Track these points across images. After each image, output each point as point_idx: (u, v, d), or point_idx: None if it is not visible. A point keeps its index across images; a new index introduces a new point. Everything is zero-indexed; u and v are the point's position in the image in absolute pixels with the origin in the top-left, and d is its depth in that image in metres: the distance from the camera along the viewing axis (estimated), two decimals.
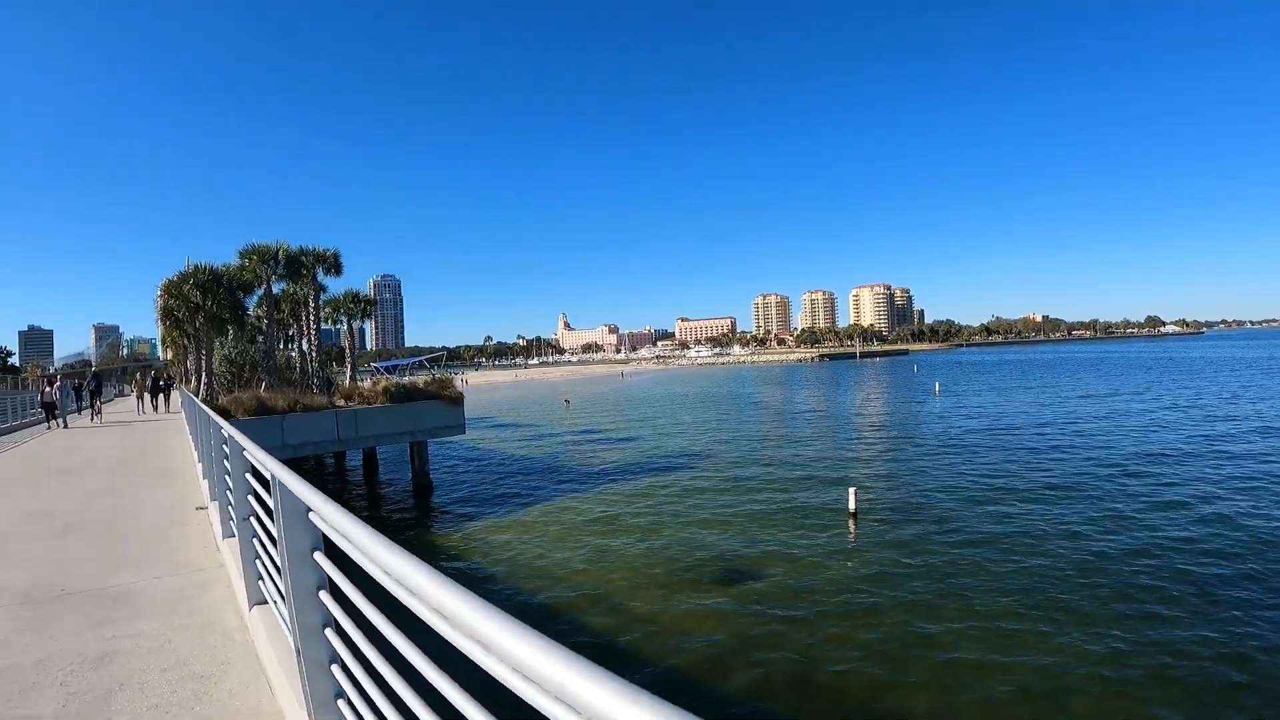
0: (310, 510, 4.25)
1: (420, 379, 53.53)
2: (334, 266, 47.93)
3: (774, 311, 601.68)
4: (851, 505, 34.55)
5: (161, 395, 53.90)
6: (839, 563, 28.25)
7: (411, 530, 37.16)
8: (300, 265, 46.37)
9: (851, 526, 33.19)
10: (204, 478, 15.51)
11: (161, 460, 23.55)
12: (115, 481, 19.12)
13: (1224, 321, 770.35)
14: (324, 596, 4.37)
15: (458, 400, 46.24)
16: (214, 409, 30.71)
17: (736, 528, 33.90)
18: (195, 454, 19.65)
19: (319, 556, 4.39)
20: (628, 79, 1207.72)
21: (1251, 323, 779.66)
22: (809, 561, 28.41)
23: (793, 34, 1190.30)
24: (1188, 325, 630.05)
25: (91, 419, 42.88)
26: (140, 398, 52.29)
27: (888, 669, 19.11)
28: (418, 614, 2.49)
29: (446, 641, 2.27)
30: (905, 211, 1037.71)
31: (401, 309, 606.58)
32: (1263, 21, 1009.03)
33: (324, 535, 4.19)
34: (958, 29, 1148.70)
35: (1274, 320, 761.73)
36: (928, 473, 44.68)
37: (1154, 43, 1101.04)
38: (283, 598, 5.11)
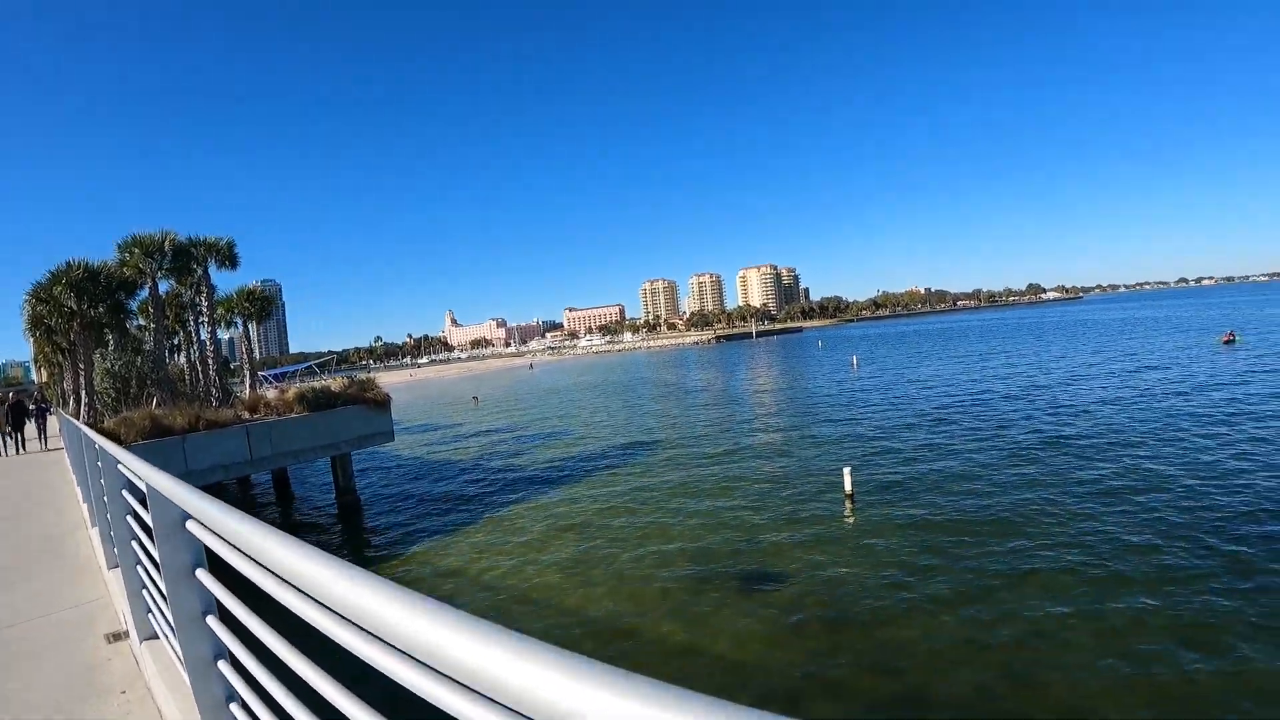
0: None
1: (331, 383, 47.10)
2: (228, 258, 41.07)
3: (662, 297, 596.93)
4: (847, 486, 32.04)
5: (31, 423, 40.11)
6: (863, 550, 25.56)
7: (343, 559, 31.02)
8: (190, 258, 39.65)
9: (849, 509, 30.41)
10: (110, 566, 9.00)
11: (38, 522, 15.34)
12: None
13: (1099, 286, 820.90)
14: None
15: (384, 404, 40.18)
16: (101, 434, 24.28)
17: (726, 522, 30.38)
18: (85, 511, 13.25)
19: None
20: (505, 70, 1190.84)
21: (1125, 286, 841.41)
22: (829, 552, 25.61)
23: (676, 20, 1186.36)
24: (1067, 291, 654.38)
25: None
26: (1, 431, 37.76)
27: (952, 659, 17.78)
28: None
29: None
30: (788, 191, 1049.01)
31: (284, 314, 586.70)
32: None
33: None
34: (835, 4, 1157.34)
35: (1145, 284, 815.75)
36: (892, 445, 43.47)
37: (1032, 14, 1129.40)
38: None
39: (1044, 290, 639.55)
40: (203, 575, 3.84)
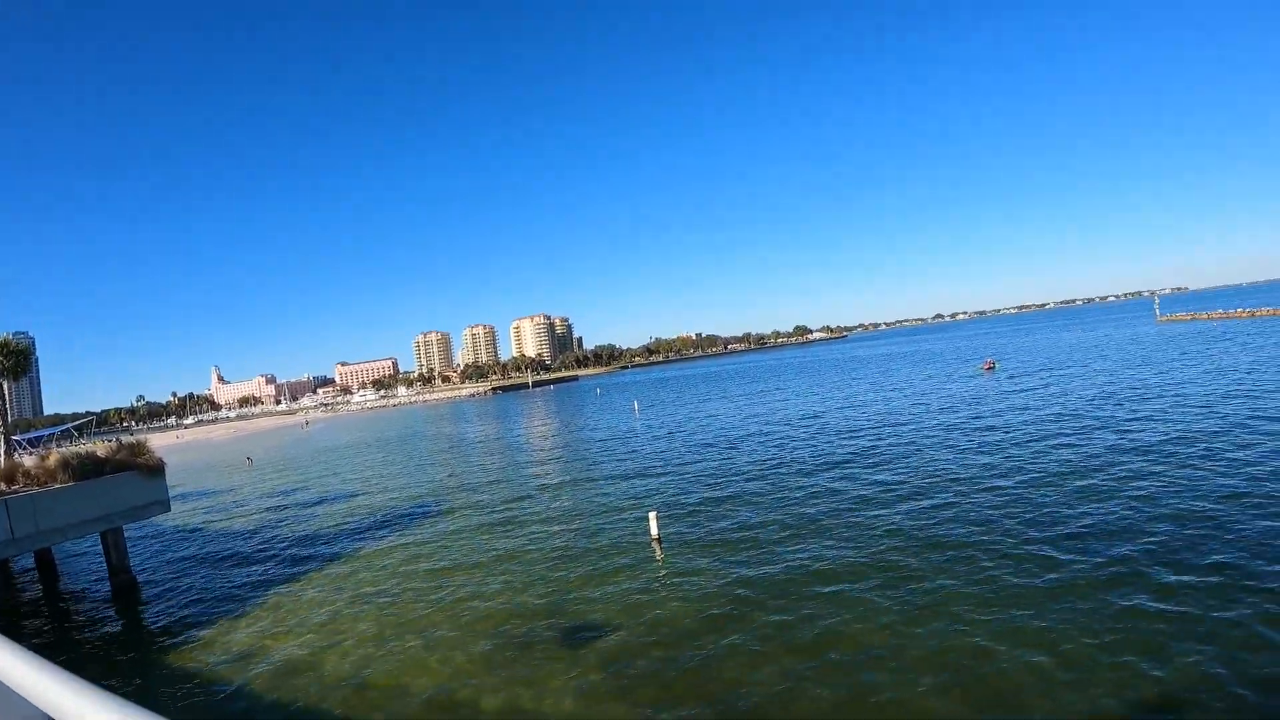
0: None
1: (96, 447, 42.29)
2: None
3: (436, 349, 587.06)
4: (654, 530, 32.25)
5: None
6: (679, 592, 25.41)
7: (127, 652, 26.91)
8: None
9: (658, 552, 30.30)
10: None
11: None
12: None
13: (861, 325, 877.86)
14: None
15: (158, 470, 36.29)
16: None
17: (536, 575, 29.34)
18: None
19: None
20: (275, 110, 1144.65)
21: (886, 324, 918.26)
22: (646, 597, 25.15)
23: (447, 67, 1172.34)
24: (832, 331, 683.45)
25: None
26: None
27: (781, 685, 18.13)
28: None
29: None
30: (559, 240, 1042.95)
31: (38, 371, 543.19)
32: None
33: None
34: (587, 52, 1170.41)
35: (904, 320, 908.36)
36: (685, 483, 44.52)
37: (775, 60, 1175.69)
38: None
39: (810, 331, 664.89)
40: None
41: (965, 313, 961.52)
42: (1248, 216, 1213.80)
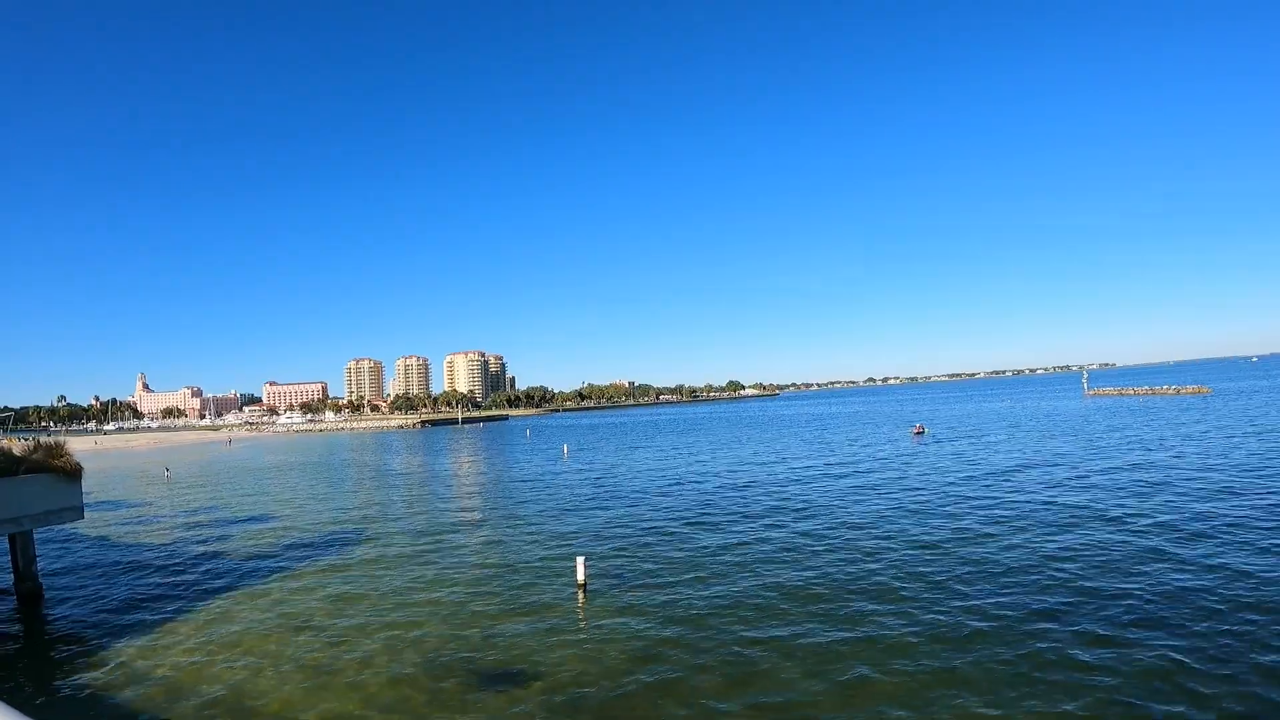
0: None
1: (10, 444, 40.42)
2: None
3: (367, 377, 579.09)
4: (580, 576, 31.37)
5: None
6: (602, 640, 24.61)
7: (23, 661, 25.67)
8: None
9: (581, 598, 29.73)
10: None
11: None
12: None
13: (794, 384, 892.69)
14: None
15: (75, 474, 34.72)
16: None
17: (456, 615, 28.31)
18: None
19: None
20: (216, 122, 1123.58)
21: (818, 384, 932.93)
22: (568, 644, 24.29)
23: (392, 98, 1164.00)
24: (765, 388, 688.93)
25: None
26: None
27: None
28: None
29: None
30: (497, 279, 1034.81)
31: None
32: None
33: None
34: (522, 86, 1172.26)
35: (836, 382, 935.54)
36: (611, 529, 44.12)
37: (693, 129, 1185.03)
38: None
39: (743, 387, 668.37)
40: None
41: (898, 378, 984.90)
42: (1174, 298, 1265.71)
